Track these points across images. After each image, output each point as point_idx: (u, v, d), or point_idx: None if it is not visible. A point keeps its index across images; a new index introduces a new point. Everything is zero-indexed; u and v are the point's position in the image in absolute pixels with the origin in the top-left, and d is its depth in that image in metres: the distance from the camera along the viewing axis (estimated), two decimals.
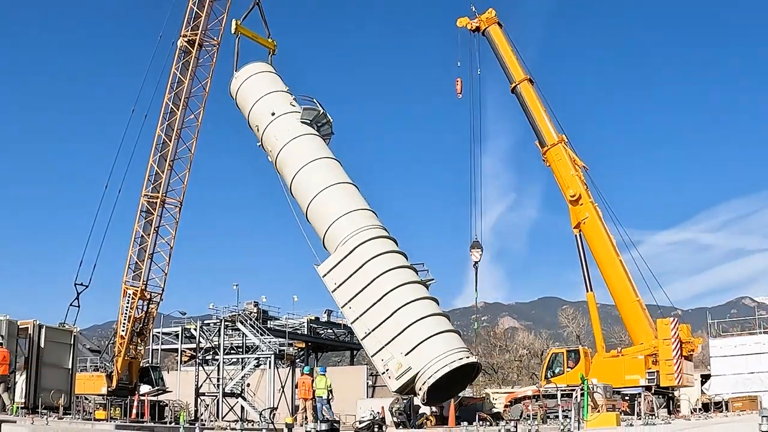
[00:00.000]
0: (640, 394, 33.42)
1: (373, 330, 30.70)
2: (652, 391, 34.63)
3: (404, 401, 40.89)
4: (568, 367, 37.09)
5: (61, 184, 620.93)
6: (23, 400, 31.65)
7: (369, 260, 31.03)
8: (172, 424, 36.13)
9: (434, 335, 29.98)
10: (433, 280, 34.31)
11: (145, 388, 47.03)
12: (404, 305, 30.28)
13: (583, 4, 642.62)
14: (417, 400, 34.72)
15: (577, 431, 25.22)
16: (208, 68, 46.27)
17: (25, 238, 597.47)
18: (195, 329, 62.19)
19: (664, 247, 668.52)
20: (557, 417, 32.19)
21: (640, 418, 29.34)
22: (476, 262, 39.19)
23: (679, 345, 34.79)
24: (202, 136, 46.86)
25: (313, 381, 29.73)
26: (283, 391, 60.61)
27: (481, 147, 41.88)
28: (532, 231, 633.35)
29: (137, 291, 45.12)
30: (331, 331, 72.35)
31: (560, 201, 39.69)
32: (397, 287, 30.76)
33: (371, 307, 30.67)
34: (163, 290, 46.52)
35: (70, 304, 43.78)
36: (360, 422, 34.20)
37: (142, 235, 45.63)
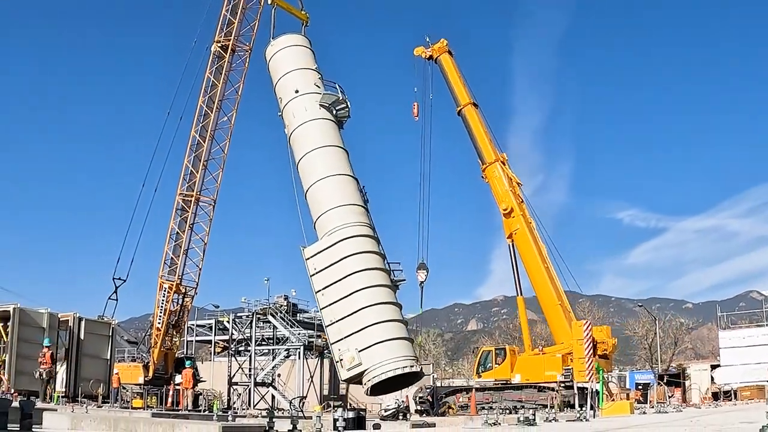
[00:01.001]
0: (651, 384, 34.67)
1: (337, 321, 31.94)
2: (665, 382, 35.78)
3: (427, 390, 42.44)
4: (496, 363, 40.33)
5: (102, 183, 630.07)
6: (64, 390, 33.21)
7: (347, 256, 32.19)
8: (206, 413, 37.40)
9: (387, 340, 31.28)
10: (404, 280, 35.89)
11: (180, 378, 48.64)
12: (369, 306, 31.57)
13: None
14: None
15: (593, 419, 26.26)
16: (240, 72, 47.48)
17: (66, 235, 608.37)
18: (228, 321, 63.80)
19: (690, 235, 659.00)
20: (573, 406, 33.39)
21: (652, 407, 30.50)
22: (422, 282, 41.03)
23: (592, 345, 36.39)
24: (237, 134, 47.66)
25: None
26: (312, 380, 62.01)
27: (431, 172, 43.90)
28: (557, 217, 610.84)
29: (173, 285, 46.55)
30: None
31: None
32: (367, 288, 32.07)
33: (340, 299, 31.86)
34: (197, 284, 47.93)
35: (109, 298, 45.31)
36: (385, 410, 35.58)
37: (177, 232, 46.95)
